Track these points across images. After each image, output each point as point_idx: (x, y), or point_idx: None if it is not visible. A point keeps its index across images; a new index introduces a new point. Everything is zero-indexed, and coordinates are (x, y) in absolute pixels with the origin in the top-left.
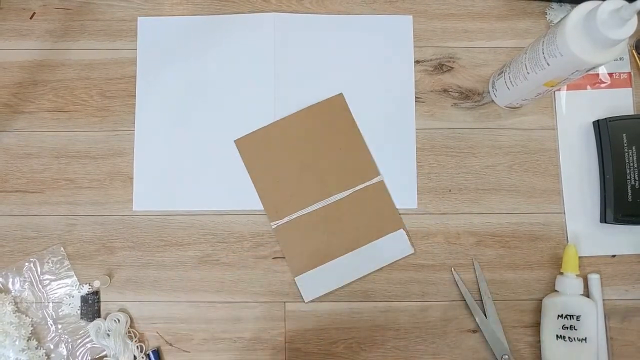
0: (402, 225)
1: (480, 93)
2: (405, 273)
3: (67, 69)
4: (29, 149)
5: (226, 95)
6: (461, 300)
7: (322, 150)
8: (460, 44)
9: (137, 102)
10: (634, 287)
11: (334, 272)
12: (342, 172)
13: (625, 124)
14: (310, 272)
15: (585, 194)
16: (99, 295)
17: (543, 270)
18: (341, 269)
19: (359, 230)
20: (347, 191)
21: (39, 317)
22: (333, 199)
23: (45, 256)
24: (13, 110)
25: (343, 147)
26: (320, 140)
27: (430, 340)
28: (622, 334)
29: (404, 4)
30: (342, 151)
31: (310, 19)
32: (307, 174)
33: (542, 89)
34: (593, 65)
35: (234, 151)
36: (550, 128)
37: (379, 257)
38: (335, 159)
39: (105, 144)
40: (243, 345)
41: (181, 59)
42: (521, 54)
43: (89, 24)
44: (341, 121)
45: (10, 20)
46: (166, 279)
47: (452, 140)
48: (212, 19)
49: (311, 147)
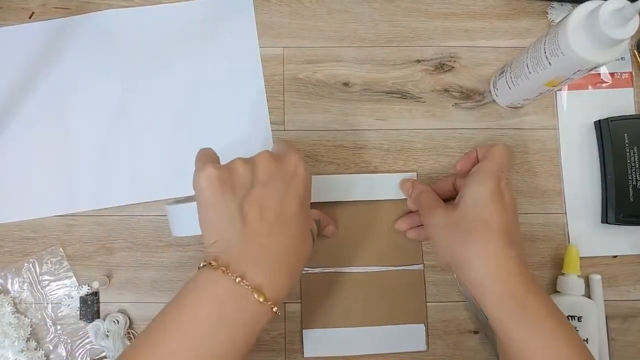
0: (425, 320)
1: (482, 93)
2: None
3: None
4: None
5: (77, 95)
6: (462, 301)
7: (376, 220)
8: (461, 43)
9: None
10: (635, 288)
11: (342, 340)
12: (389, 247)
13: (627, 124)
14: (321, 330)
15: (586, 194)
16: (98, 296)
17: (544, 271)
18: (350, 340)
19: (383, 309)
20: (386, 267)
21: (38, 318)
22: (370, 269)
23: (44, 257)
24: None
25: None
26: (377, 214)
27: (431, 341)
28: (624, 334)
29: (404, 3)
30: (394, 229)
31: (143, 12)
32: (355, 236)
33: (543, 89)
34: (595, 64)
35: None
36: (551, 128)
37: (391, 343)
38: (387, 231)
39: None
40: None
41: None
42: (522, 54)
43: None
44: (405, 207)
45: (9, 20)
46: (166, 279)
47: (453, 140)
48: (55, 23)
49: (367, 217)
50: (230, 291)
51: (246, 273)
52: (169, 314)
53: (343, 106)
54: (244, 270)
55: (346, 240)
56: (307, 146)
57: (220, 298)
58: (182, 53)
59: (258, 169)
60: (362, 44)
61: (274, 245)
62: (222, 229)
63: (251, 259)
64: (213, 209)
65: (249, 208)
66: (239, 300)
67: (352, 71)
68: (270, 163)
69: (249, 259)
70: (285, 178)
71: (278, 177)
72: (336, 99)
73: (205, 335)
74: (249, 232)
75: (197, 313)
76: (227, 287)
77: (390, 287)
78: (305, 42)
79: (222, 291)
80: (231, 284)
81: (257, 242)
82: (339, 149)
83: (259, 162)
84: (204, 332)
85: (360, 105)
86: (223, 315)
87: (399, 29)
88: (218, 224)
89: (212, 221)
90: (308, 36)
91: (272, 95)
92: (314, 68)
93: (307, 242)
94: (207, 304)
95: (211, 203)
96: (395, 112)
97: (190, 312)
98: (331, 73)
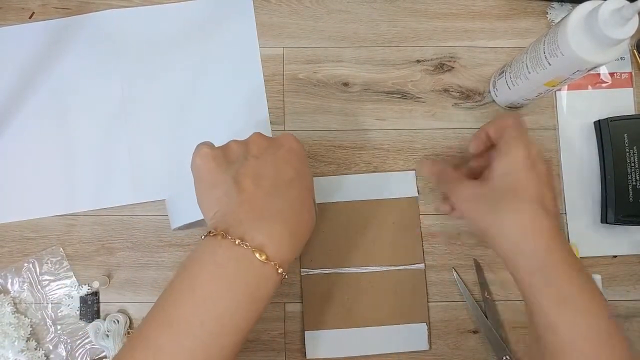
0: (427, 319)
1: (481, 93)
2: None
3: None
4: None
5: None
6: (462, 301)
7: (377, 220)
8: (461, 43)
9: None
10: (634, 288)
11: (344, 341)
12: (389, 246)
13: (627, 124)
14: (323, 331)
15: (586, 194)
16: (98, 296)
17: None
18: (353, 340)
19: (385, 309)
20: (387, 267)
21: (38, 318)
22: (371, 269)
23: (44, 257)
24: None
25: (397, 222)
26: (377, 213)
27: (431, 341)
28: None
29: (404, 3)
30: (396, 226)
31: (143, 12)
32: (356, 236)
33: (543, 89)
34: (594, 64)
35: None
36: (551, 128)
37: (393, 342)
38: (387, 231)
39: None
40: (243, 346)
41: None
42: (522, 54)
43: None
44: (406, 206)
45: (9, 19)
46: (165, 279)
47: (453, 140)
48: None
49: (367, 216)
50: (231, 254)
51: (245, 234)
52: (176, 285)
53: (343, 106)
54: (242, 232)
55: (347, 240)
56: (307, 146)
57: (222, 262)
58: (182, 53)
59: (250, 146)
60: (362, 44)
61: (272, 207)
62: (220, 200)
63: (250, 221)
64: (209, 183)
65: (243, 178)
66: (241, 262)
67: (352, 71)
68: (262, 140)
69: (248, 221)
70: (278, 151)
71: (270, 149)
72: (336, 99)
73: (211, 301)
74: (245, 198)
75: (201, 281)
76: (228, 250)
77: (391, 287)
78: (305, 42)
79: (224, 255)
80: (232, 246)
81: (254, 205)
82: (339, 149)
83: (251, 139)
84: (208, 299)
85: (360, 105)
86: (226, 278)
87: (399, 29)
88: (215, 196)
89: (209, 195)
90: (308, 36)
91: (272, 95)
92: (314, 68)
93: (308, 209)
94: (209, 271)
95: (206, 178)
96: (395, 112)
97: (194, 281)
98: (331, 73)
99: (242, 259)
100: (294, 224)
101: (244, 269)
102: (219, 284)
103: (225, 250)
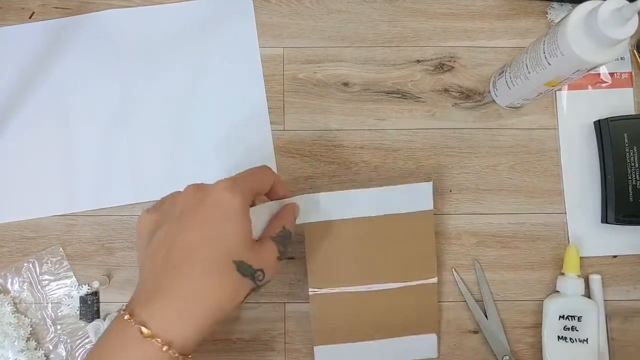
0: (438, 329)
1: (481, 93)
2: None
3: None
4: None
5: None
6: (462, 301)
7: (388, 237)
8: (460, 43)
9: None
10: (635, 288)
11: (354, 354)
12: (402, 263)
13: (627, 124)
14: (332, 346)
15: (586, 194)
16: (98, 296)
17: (544, 271)
18: (362, 354)
19: (395, 323)
20: (400, 283)
21: (38, 318)
22: (383, 286)
23: (44, 256)
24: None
25: (410, 238)
26: (389, 229)
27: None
28: (624, 334)
29: (404, 3)
30: (408, 242)
31: (143, 12)
32: (366, 253)
33: (543, 89)
34: (594, 64)
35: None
36: (551, 128)
37: (403, 353)
38: (399, 248)
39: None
40: (242, 347)
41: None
42: (522, 54)
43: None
44: (421, 221)
45: (9, 20)
46: None
47: (452, 140)
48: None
49: (379, 233)
50: (129, 339)
51: (147, 320)
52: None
53: (343, 106)
54: (145, 317)
55: (355, 258)
56: (307, 146)
57: (121, 347)
58: (182, 53)
59: (177, 203)
60: (362, 44)
61: (165, 282)
62: (141, 271)
63: (151, 303)
64: (138, 252)
65: (155, 247)
66: (138, 348)
67: (352, 71)
68: (188, 196)
69: (149, 304)
70: (198, 210)
71: (193, 209)
72: (336, 99)
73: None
74: (154, 274)
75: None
76: (131, 335)
77: (404, 302)
78: (305, 42)
79: (125, 340)
80: (131, 331)
81: (152, 282)
82: (339, 149)
83: (181, 194)
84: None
85: (360, 105)
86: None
87: (399, 29)
88: (140, 266)
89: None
90: (308, 36)
91: (272, 95)
92: (314, 68)
93: (225, 285)
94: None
95: (137, 246)
96: (395, 112)
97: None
98: (331, 73)
99: (137, 344)
100: (190, 301)
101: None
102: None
103: (126, 334)
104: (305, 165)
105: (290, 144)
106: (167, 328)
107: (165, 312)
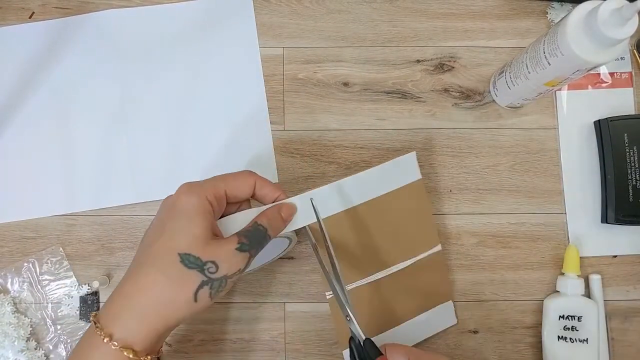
0: (452, 295)
1: (481, 93)
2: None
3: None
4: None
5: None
6: (462, 301)
7: (385, 218)
8: (461, 43)
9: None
10: (635, 288)
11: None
12: (404, 240)
13: (627, 124)
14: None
15: (586, 194)
16: (98, 296)
17: (544, 271)
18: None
19: (411, 302)
20: (408, 261)
21: (38, 318)
22: (393, 269)
23: (44, 257)
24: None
25: (407, 212)
26: (384, 210)
27: (431, 341)
28: (624, 334)
29: (404, 3)
30: (406, 217)
31: (143, 12)
32: (367, 242)
33: (543, 89)
34: (594, 64)
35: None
36: (551, 128)
37: (424, 330)
38: (398, 226)
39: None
40: (242, 347)
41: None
42: (522, 54)
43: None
44: (413, 193)
45: (9, 20)
46: None
47: (452, 140)
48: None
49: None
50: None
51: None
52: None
53: (343, 106)
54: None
55: (358, 250)
56: (307, 146)
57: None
58: (182, 53)
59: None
60: (362, 44)
61: (126, 285)
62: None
63: (107, 303)
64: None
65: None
66: (97, 349)
67: (352, 71)
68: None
69: (106, 304)
70: (161, 212)
71: (158, 212)
72: (336, 99)
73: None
74: (122, 281)
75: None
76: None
77: (415, 279)
78: (305, 42)
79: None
80: (92, 331)
81: (120, 284)
82: (339, 149)
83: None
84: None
85: (360, 105)
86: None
87: (399, 29)
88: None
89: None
90: (308, 36)
91: (272, 95)
92: (314, 68)
93: (167, 277)
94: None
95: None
96: (395, 112)
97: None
98: (331, 73)
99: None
100: (134, 296)
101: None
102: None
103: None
104: (305, 165)
105: (290, 144)
106: (114, 324)
107: (112, 307)
